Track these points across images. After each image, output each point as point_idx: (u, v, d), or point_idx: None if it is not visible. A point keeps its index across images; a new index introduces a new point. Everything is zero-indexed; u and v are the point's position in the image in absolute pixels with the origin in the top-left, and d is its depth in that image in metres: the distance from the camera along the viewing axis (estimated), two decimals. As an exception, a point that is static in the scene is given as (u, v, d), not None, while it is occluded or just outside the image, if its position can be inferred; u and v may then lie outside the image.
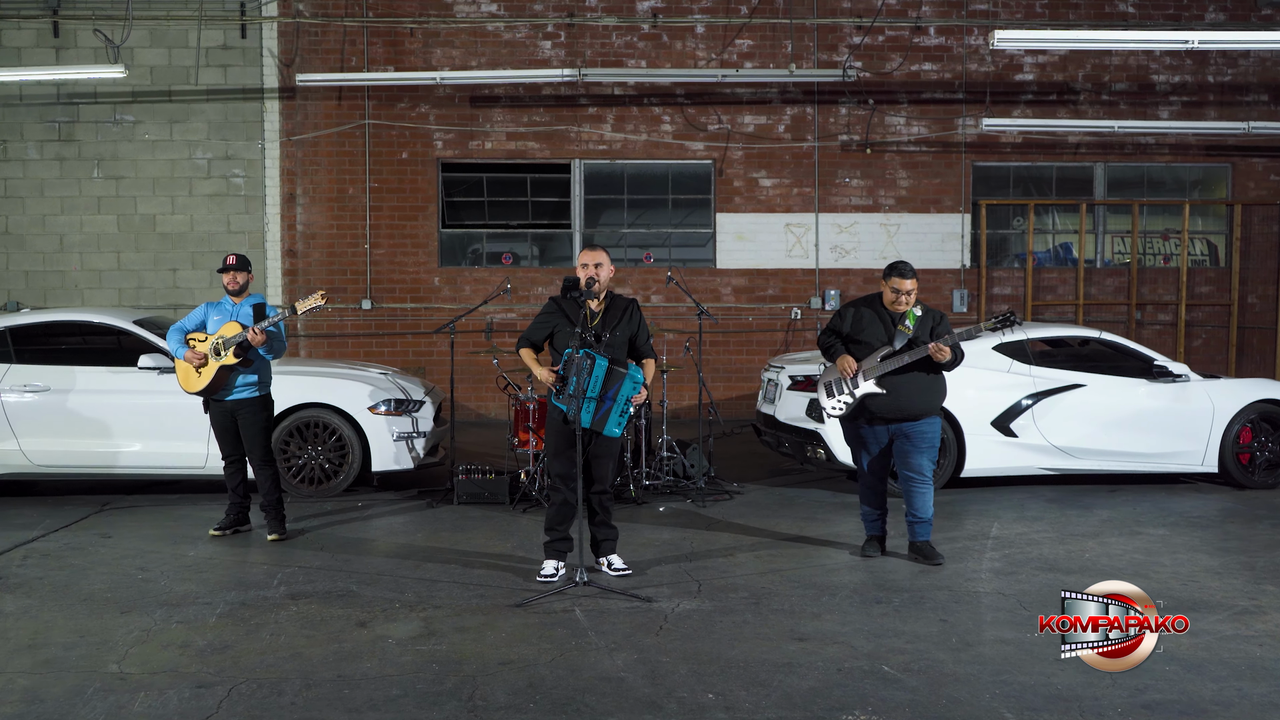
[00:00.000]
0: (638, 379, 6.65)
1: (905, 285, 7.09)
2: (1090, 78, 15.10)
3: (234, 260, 7.92)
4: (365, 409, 9.38)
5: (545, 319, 6.93)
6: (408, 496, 9.48)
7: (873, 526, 7.37)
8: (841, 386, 7.12)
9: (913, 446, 7.13)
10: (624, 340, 6.86)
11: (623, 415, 6.67)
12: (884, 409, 7.04)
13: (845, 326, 7.24)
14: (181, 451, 9.14)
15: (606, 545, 7.01)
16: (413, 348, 14.75)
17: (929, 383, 7.14)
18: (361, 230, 14.68)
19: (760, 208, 14.98)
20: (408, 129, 14.66)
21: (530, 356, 6.93)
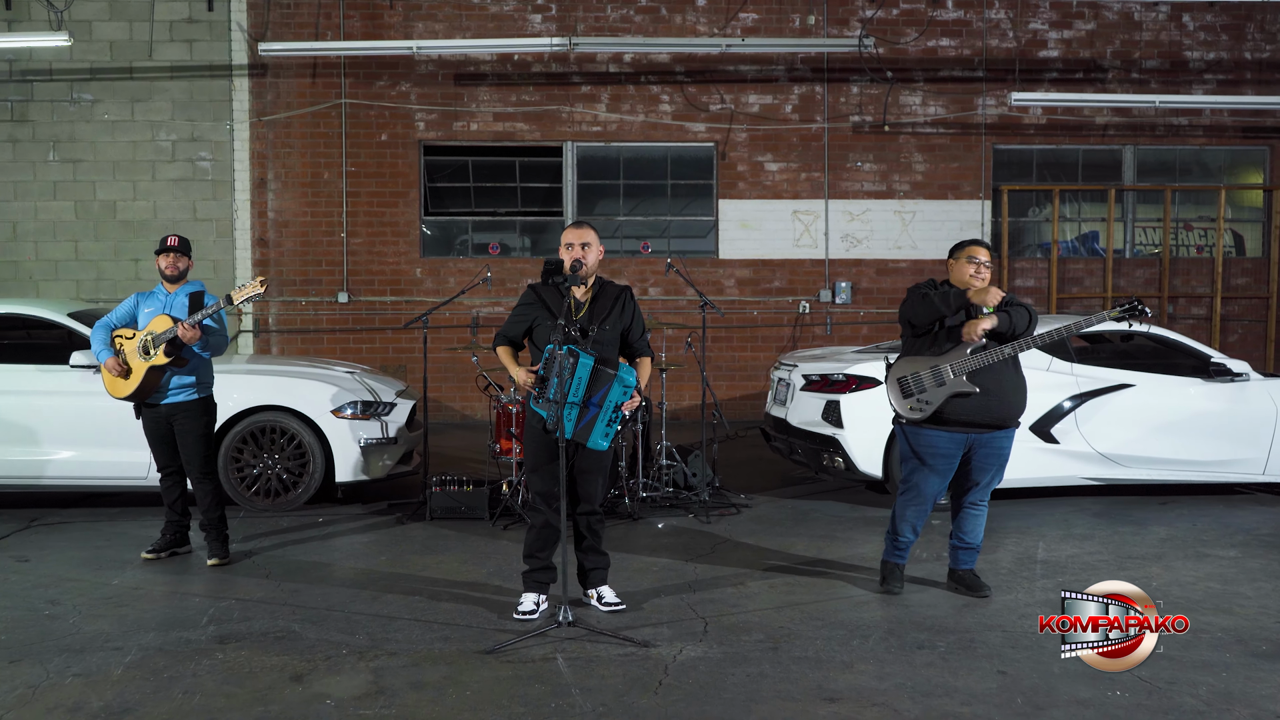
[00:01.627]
0: (629, 382, 5.64)
1: (983, 254, 6.02)
2: (1119, 54, 14.09)
3: (176, 242, 6.84)
4: (328, 412, 8.37)
5: (523, 311, 5.92)
6: (375, 510, 8.47)
7: (901, 555, 6.24)
8: (921, 382, 5.94)
9: (993, 462, 6.07)
10: (615, 336, 5.86)
11: (610, 425, 5.65)
12: (972, 412, 5.94)
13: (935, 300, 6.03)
14: (121, 460, 8.13)
15: (596, 575, 6.00)
16: (393, 344, 13.73)
17: (1018, 382, 6.08)
18: (338, 218, 13.66)
19: (766, 194, 13.96)
20: (387, 109, 13.64)
21: (508, 355, 5.94)
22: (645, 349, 5.99)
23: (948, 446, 6.00)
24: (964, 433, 5.96)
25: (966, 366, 5.88)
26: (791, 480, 9.75)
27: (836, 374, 8.53)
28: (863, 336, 13.98)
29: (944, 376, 5.89)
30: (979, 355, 5.89)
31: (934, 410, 5.91)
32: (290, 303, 13.64)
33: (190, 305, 6.75)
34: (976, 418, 5.94)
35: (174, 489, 6.97)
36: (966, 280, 6.01)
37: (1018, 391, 6.06)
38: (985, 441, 6.00)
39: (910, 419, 6.00)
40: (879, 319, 13.99)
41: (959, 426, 5.94)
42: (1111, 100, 13.63)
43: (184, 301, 6.77)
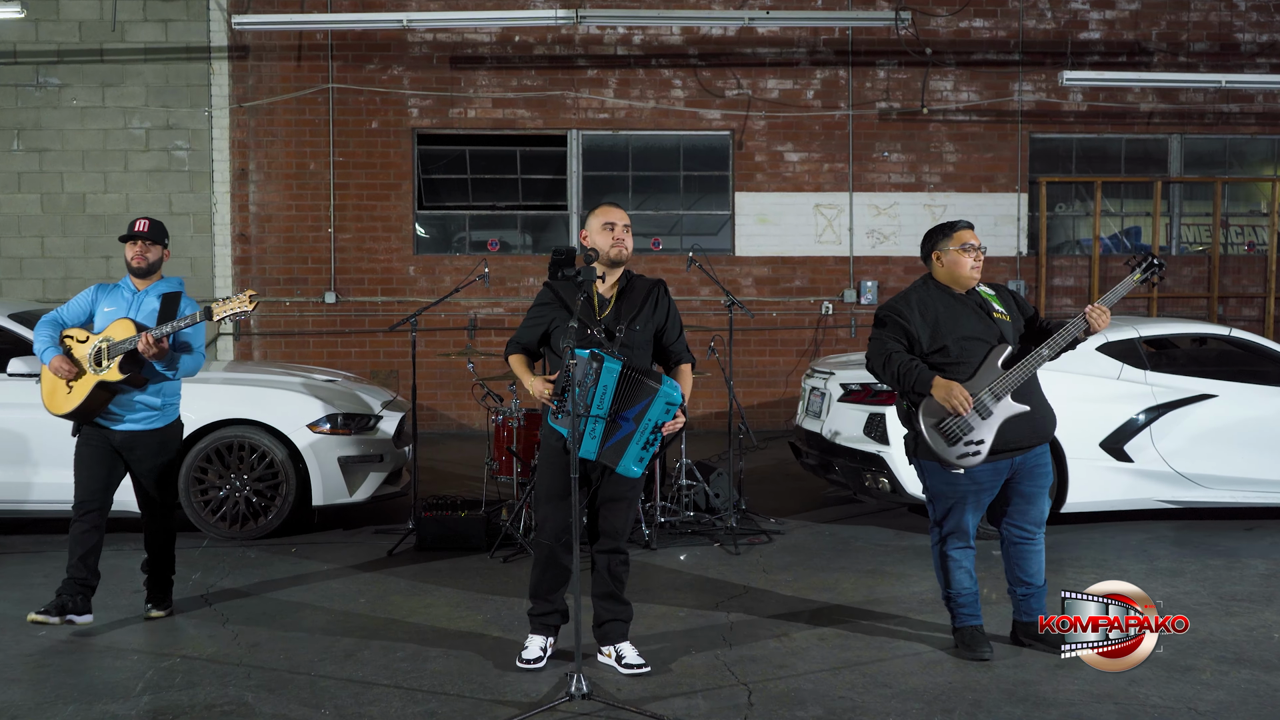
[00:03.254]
0: (674, 398, 4.68)
1: (975, 239, 5.08)
2: (1165, 36, 13.09)
3: (145, 226, 5.54)
4: (304, 426, 7.37)
5: (538, 313, 4.97)
6: (357, 538, 7.47)
7: (974, 613, 5.13)
8: (967, 422, 4.89)
9: (1037, 486, 5.10)
10: (647, 338, 4.91)
11: (648, 448, 4.68)
12: (1019, 434, 4.96)
13: (918, 327, 5.00)
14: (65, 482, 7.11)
15: (614, 629, 5.00)
16: (384, 348, 12.73)
17: (1042, 393, 5.14)
18: (325, 212, 12.66)
19: (786, 186, 12.95)
20: (378, 94, 12.64)
21: (521, 364, 5.00)
22: (685, 354, 5.04)
23: (991, 479, 5.03)
24: (1008, 458, 5.00)
25: (1008, 385, 4.89)
26: (824, 501, 8.76)
27: (880, 383, 7.52)
28: (890, 340, 12.96)
29: (989, 404, 4.88)
30: (1018, 368, 4.89)
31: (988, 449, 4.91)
32: (273, 303, 12.65)
33: (162, 310, 5.53)
34: (1024, 440, 4.98)
35: (92, 535, 5.49)
36: (967, 275, 5.03)
37: (1046, 402, 5.11)
38: (1028, 460, 5.06)
39: (968, 467, 4.97)
40: (907, 321, 12.96)
41: (1004, 453, 4.96)
42: (1172, 80, 12.58)
43: (154, 305, 5.56)
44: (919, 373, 4.93)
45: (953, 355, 4.96)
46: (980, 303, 5.07)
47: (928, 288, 5.12)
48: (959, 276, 5.03)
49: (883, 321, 5.11)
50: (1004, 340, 5.00)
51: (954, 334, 4.98)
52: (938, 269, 5.10)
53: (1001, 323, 5.04)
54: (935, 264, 5.10)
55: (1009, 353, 4.96)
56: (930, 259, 5.13)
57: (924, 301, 5.06)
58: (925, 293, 5.10)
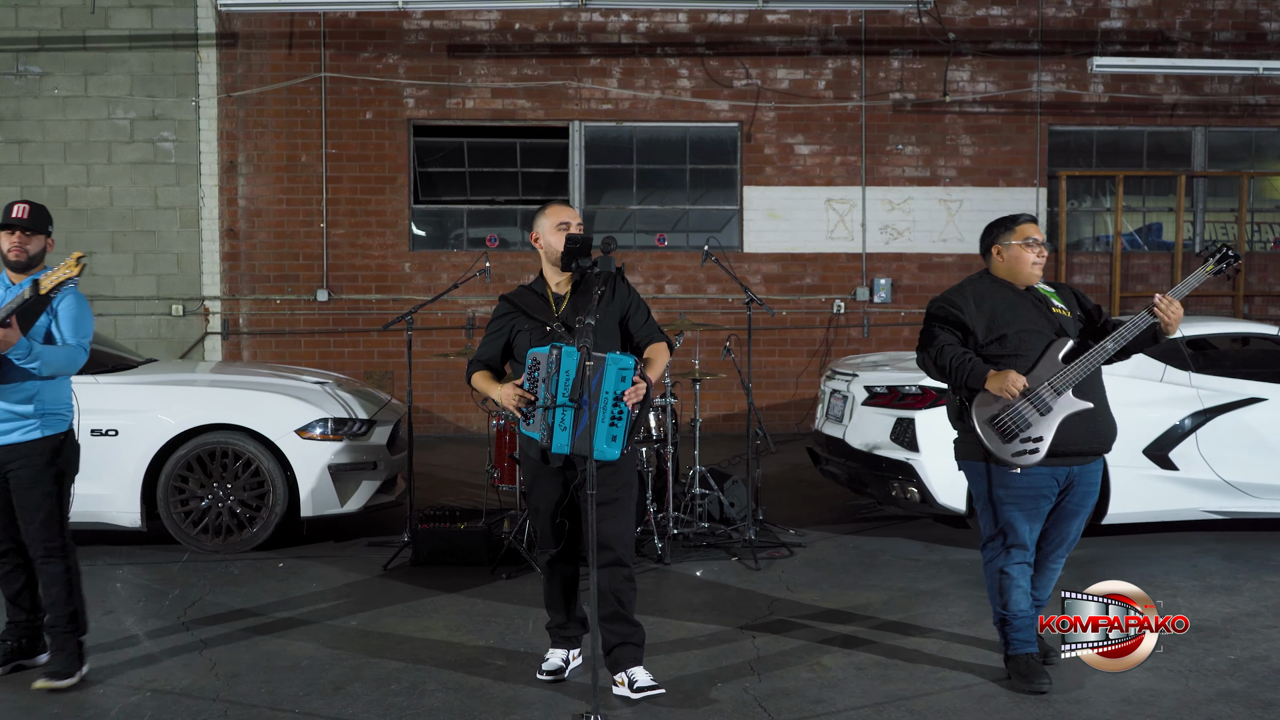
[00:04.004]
0: (624, 362, 4.32)
1: (1039, 233, 4.70)
2: (1189, 25, 12.62)
3: (24, 212, 4.66)
4: (292, 432, 6.88)
5: (497, 326, 4.73)
6: (349, 551, 6.97)
7: (1029, 639, 4.62)
8: (1022, 416, 4.48)
9: (1083, 504, 4.73)
10: (610, 328, 4.60)
11: (615, 424, 4.30)
12: (1080, 437, 4.54)
13: (973, 318, 4.62)
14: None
15: (625, 654, 4.55)
16: (378, 348, 12.23)
17: (1106, 398, 4.71)
18: (317, 206, 12.16)
19: (796, 180, 12.47)
20: (372, 84, 12.14)
21: (485, 378, 4.68)
22: (656, 333, 4.67)
23: (1049, 485, 4.60)
24: (1067, 465, 4.56)
25: (1069, 379, 4.48)
26: (844, 510, 8.27)
27: (909, 386, 7.05)
28: (904, 340, 12.50)
29: (1048, 400, 4.47)
30: (1080, 362, 4.48)
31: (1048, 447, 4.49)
32: (263, 301, 12.15)
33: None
34: (1086, 444, 4.57)
35: (15, 577, 4.77)
36: (1028, 272, 4.65)
37: (1108, 406, 4.70)
38: (1084, 474, 4.65)
39: (1025, 466, 4.51)
40: (921, 320, 12.47)
41: (1061, 458, 4.53)
42: (1209, 68, 12.08)
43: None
44: (973, 365, 4.56)
45: (1010, 346, 4.60)
46: (1039, 298, 4.72)
47: (984, 281, 4.76)
48: (1020, 273, 4.67)
49: (934, 314, 4.76)
50: (1063, 333, 4.60)
51: (1012, 325, 4.62)
52: (997, 264, 4.75)
53: (1061, 317, 4.67)
54: (994, 259, 4.76)
55: (1070, 346, 4.57)
56: (989, 254, 4.77)
57: (980, 293, 4.72)
58: (981, 285, 4.77)
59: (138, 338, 11.92)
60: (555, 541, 4.63)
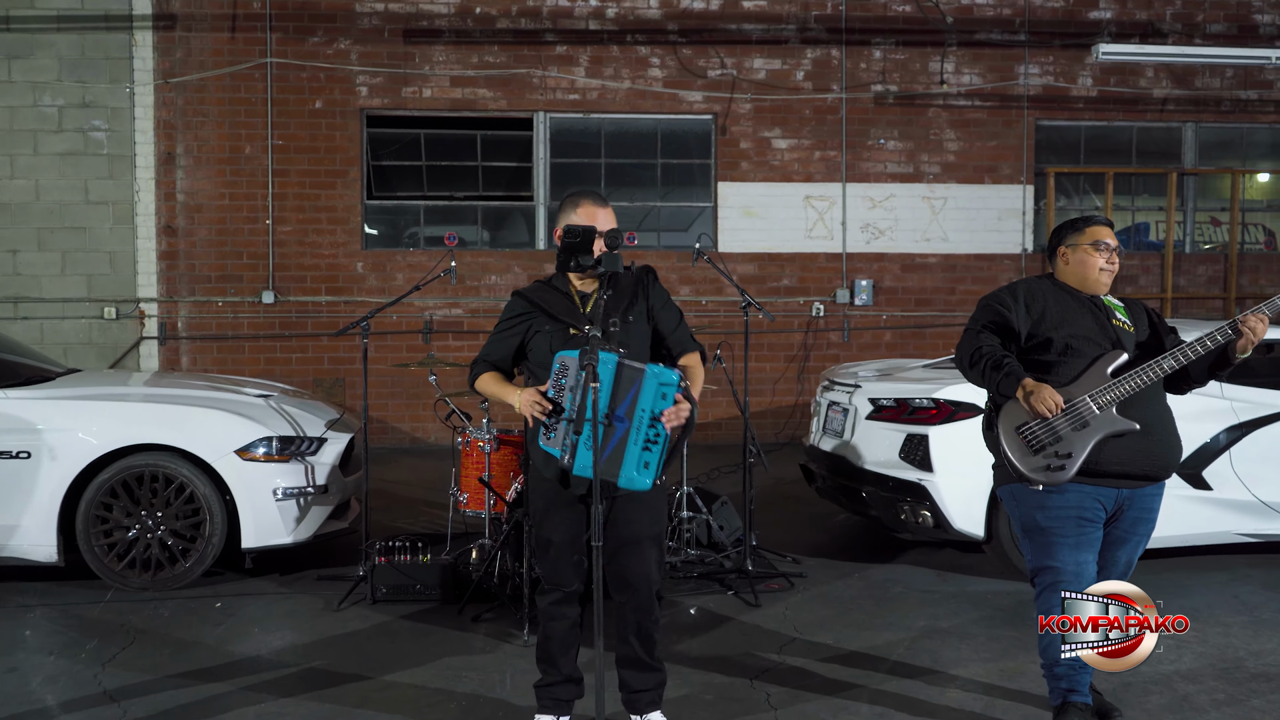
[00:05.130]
0: (667, 378, 3.63)
1: (1111, 237, 4.17)
2: (1180, 16, 12.13)
3: None
4: (232, 452, 6.09)
5: (511, 324, 3.99)
6: (297, 587, 6.19)
7: (1081, 688, 4.03)
8: (1053, 428, 3.92)
9: (1143, 529, 4.15)
10: (642, 331, 3.94)
11: (650, 447, 3.63)
12: (1131, 458, 3.96)
13: (1020, 318, 4.07)
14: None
15: (646, 699, 4.01)
16: (329, 354, 11.42)
17: (1170, 416, 4.12)
18: (262, 201, 11.33)
19: (773, 175, 11.83)
20: (323, 71, 11.33)
21: (495, 380, 3.98)
22: (689, 342, 4.02)
23: (1094, 508, 4.01)
24: (1115, 487, 4.00)
25: (1114, 394, 3.92)
26: (841, 532, 7.62)
27: (920, 399, 6.39)
28: (885, 345, 11.90)
29: (1085, 414, 3.92)
30: (1129, 377, 3.93)
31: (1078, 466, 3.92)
32: (204, 303, 11.29)
33: None
34: (1135, 466, 3.99)
35: None
36: (1095, 278, 4.13)
37: (1174, 426, 4.12)
38: (1138, 499, 4.07)
39: (1047, 483, 3.94)
40: (904, 323, 11.92)
41: (1111, 479, 3.97)
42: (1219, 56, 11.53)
43: None
44: (1008, 368, 3.98)
45: (1054, 352, 4.05)
46: (1101, 307, 4.16)
47: (1042, 281, 4.22)
48: (1086, 278, 4.17)
49: (981, 309, 4.19)
50: (1118, 345, 4.03)
51: (1061, 329, 4.06)
52: (1062, 268, 4.23)
53: (1121, 330, 4.10)
54: (1060, 262, 4.24)
55: (1122, 360, 4.01)
56: (1055, 256, 4.25)
57: (1033, 292, 4.16)
58: (1037, 285, 4.21)
59: (66, 343, 11.02)
60: (569, 580, 3.93)
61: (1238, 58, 11.55)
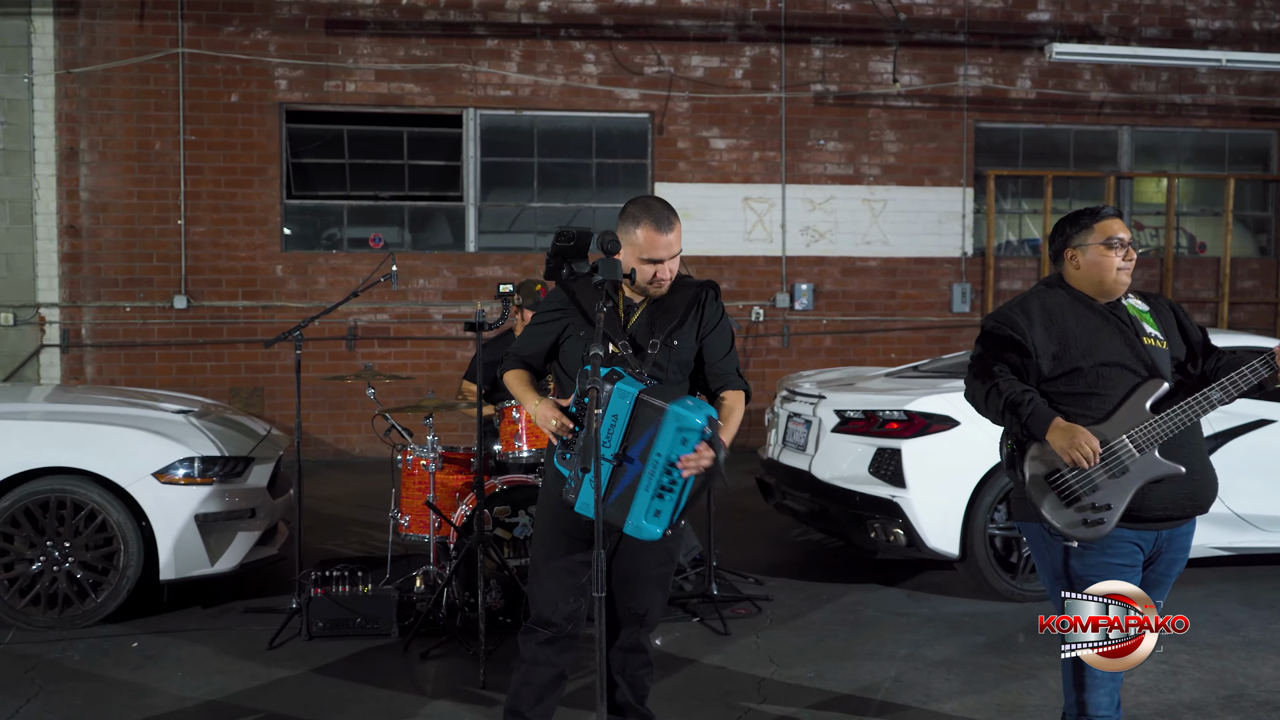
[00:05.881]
0: (689, 421, 3.19)
1: (1125, 231, 3.65)
2: (1116, 20, 12.08)
3: None
4: (149, 475, 5.54)
5: (547, 319, 3.58)
6: (223, 622, 5.66)
7: None
8: (1088, 478, 3.46)
9: (1177, 567, 3.69)
10: (687, 358, 3.53)
11: (663, 495, 3.22)
12: (1172, 502, 3.49)
13: (1039, 343, 3.58)
14: None
15: None
16: (245, 362, 10.79)
17: (1204, 448, 3.71)
18: (173, 200, 10.67)
19: (712, 176, 11.50)
20: (239, 62, 10.71)
21: (522, 380, 3.59)
22: (735, 378, 3.61)
23: (1133, 553, 3.55)
24: (1155, 530, 3.54)
25: (1156, 434, 3.44)
26: (799, 549, 7.29)
27: (891, 411, 6.07)
28: (825, 350, 11.64)
29: (1124, 459, 3.45)
30: (1173, 414, 3.44)
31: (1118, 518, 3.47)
32: (111, 309, 10.59)
33: None
34: (1178, 509, 3.52)
35: None
36: (1114, 280, 3.60)
37: (1206, 457, 3.64)
38: (1175, 540, 3.62)
39: (1084, 539, 3.50)
40: (844, 328, 11.67)
41: (1149, 523, 3.51)
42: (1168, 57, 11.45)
43: None
44: (1034, 408, 3.48)
45: (1084, 384, 3.53)
46: (1126, 320, 3.62)
47: (1056, 293, 3.67)
48: (1104, 282, 3.59)
49: (989, 335, 3.67)
50: (1156, 373, 3.54)
51: (1091, 356, 3.54)
52: (1072, 273, 3.65)
53: (1153, 350, 3.57)
54: (1068, 266, 3.66)
55: (1162, 392, 3.49)
56: (1061, 259, 3.68)
57: (1050, 309, 3.61)
58: (1052, 298, 3.65)
59: (-42, 352, 10.26)
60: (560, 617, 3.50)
61: (1189, 59, 11.51)
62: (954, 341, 11.78)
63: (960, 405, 5.93)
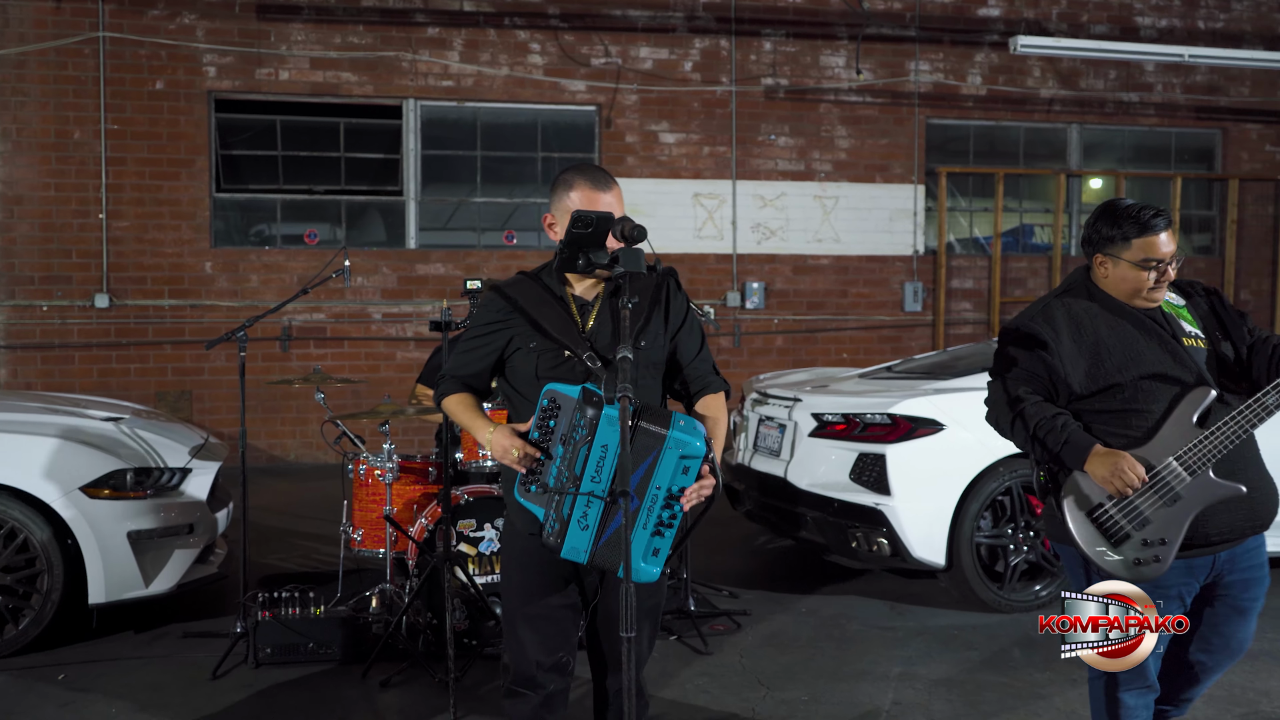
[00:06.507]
0: (691, 448, 2.78)
1: (1165, 249, 3.20)
2: (1066, 16, 11.98)
3: None
4: (76, 489, 5.06)
5: (486, 330, 3.10)
6: (159, 650, 5.19)
7: None
8: (1134, 510, 3.14)
9: (1250, 595, 3.33)
10: (657, 357, 3.10)
11: (661, 532, 2.83)
12: (1230, 524, 3.18)
13: (1068, 358, 3.24)
14: None
15: None
16: (173, 364, 10.22)
17: (1259, 457, 3.32)
18: (94, 193, 10.06)
19: (661, 171, 11.17)
20: (164, 47, 10.13)
21: (467, 405, 3.11)
22: (714, 378, 3.19)
23: (1183, 584, 3.26)
24: (1210, 554, 3.23)
25: (1209, 452, 3.09)
26: (767, 557, 6.98)
27: (874, 414, 5.79)
28: (776, 350, 11.38)
29: (1175, 485, 3.11)
30: (1223, 429, 3.08)
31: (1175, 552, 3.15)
32: (26, 308, 9.95)
33: None
34: (1238, 531, 3.22)
35: None
36: (1144, 299, 3.23)
37: (1263, 467, 3.30)
38: (1239, 559, 3.29)
39: (1139, 580, 3.18)
40: (796, 327, 11.42)
41: (1203, 548, 3.20)
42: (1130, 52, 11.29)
43: None
44: (1068, 435, 3.17)
45: (1122, 401, 3.20)
46: (1161, 320, 3.26)
47: (1077, 295, 3.32)
48: (1131, 297, 3.24)
49: (1010, 348, 3.31)
50: (1201, 380, 3.19)
51: (1128, 369, 3.19)
52: (1099, 275, 3.31)
53: (1194, 351, 3.23)
54: (1097, 269, 3.31)
55: (1209, 401, 3.15)
56: (1091, 257, 3.33)
57: (1077, 316, 3.26)
58: (1078, 303, 3.29)
59: None
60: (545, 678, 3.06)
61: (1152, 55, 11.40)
62: (906, 341, 11.60)
63: (945, 408, 5.69)
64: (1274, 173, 12.58)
